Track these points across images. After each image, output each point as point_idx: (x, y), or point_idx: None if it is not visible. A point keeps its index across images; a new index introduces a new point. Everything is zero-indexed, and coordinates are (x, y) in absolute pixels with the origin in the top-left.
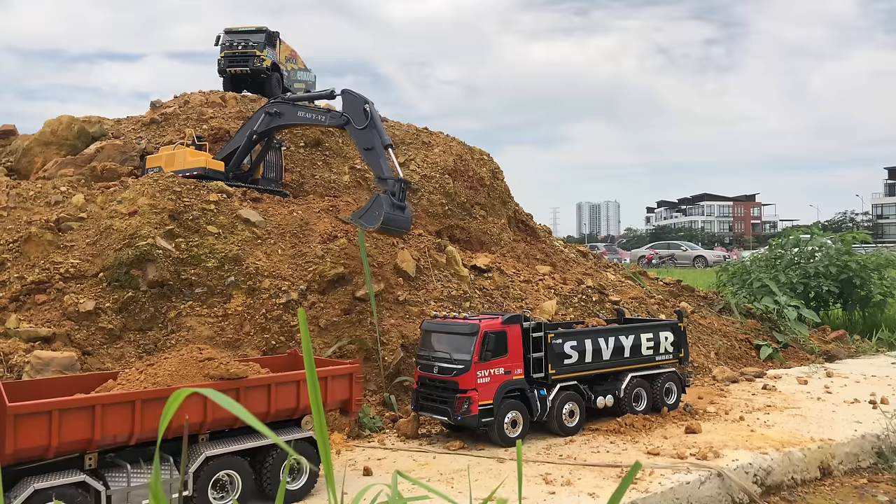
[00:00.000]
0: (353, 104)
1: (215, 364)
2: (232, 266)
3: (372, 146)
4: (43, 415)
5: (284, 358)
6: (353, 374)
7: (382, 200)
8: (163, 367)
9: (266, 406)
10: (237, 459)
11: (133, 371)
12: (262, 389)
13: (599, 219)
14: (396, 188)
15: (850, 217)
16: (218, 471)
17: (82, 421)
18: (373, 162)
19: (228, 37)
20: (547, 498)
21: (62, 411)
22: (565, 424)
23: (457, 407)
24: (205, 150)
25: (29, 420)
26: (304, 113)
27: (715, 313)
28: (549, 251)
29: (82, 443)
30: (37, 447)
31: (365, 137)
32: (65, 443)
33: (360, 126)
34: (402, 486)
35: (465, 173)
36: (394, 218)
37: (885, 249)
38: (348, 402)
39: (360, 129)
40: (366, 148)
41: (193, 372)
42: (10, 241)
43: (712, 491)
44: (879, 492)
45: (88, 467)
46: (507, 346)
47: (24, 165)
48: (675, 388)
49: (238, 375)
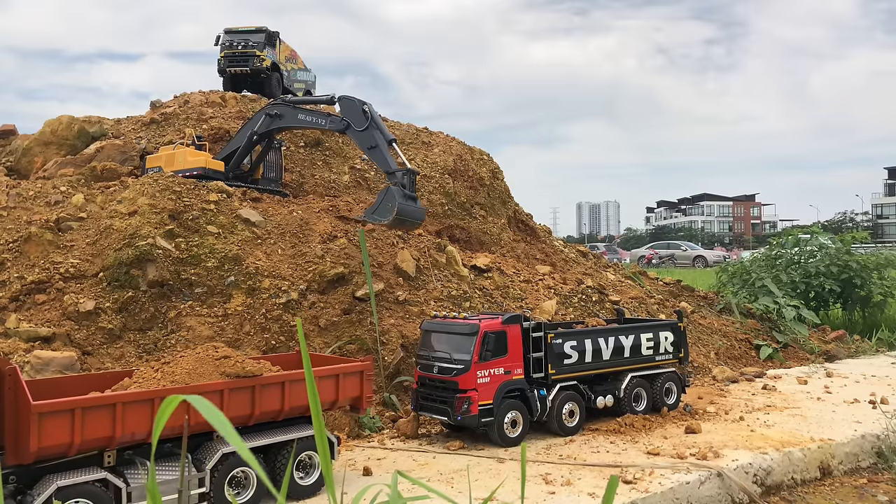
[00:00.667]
0: (351, 108)
1: (231, 362)
2: (232, 266)
3: (375, 144)
4: (66, 413)
5: (294, 356)
6: (364, 371)
7: (394, 192)
8: (179, 365)
9: (280, 403)
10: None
11: (148, 369)
12: (277, 387)
13: (599, 219)
14: (406, 179)
15: (849, 217)
16: (234, 468)
17: (104, 419)
18: (378, 158)
19: (228, 37)
20: (547, 498)
21: (85, 409)
22: (565, 424)
23: (457, 407)
24: (205, 150)
25: (52, 418)
26: (305, 116)
27: (715, 313)
28: (549, 251)
29: (104, 440)
30: (60, 445)
31: (367, 137)
32: (87, 440)
33: (360, 128)
34: (402, 486)
35: (465, 173)
36: (407, 209)
37: (886, 249)
38: (359, 398)
39: (362, 131)
40: (369, 147)
41: (210, 370)
42: (10, 241)
43: (712, 491)
44: (879, 492)
45: (108, 464)
46: (507, 345)
47: (24, 165)
48: (675, 388)
49: (254, 373)
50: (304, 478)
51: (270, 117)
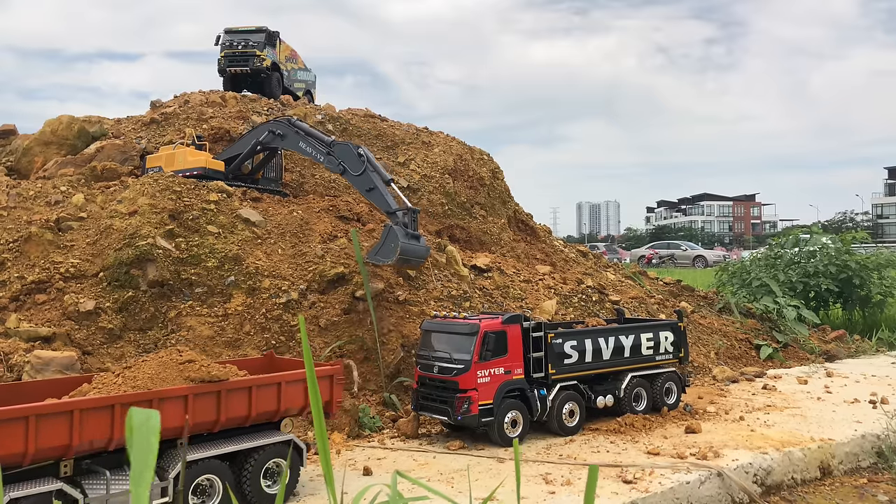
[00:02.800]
0: (346, 154)
1: (196, 367)
2: (232, 266)
3: (373, 186)
4: (19, 421)
5: (261, 360)
6: (333, 375)
7: (397, 232)
8: (142, 370)
9: (247, 409)
10: (217, 463)
11: (110, 375)
12: (244, 392)
13: (599, 219)
14: (407, 218)
15: (850, 217)
16: (198, 475)
17: (60, 427)
18: (377, 200)
19: (228, 36)
20: (547, 498)
21: (39, 417)
22: (565, 424)
23: (457, 407)
24: (205, 150)
25: (4, 427)
26: (305, 146)
27: (715, 313)
28: (549, 251)
29: (60, 449)
30: (12, 454)
31: (364, 181)
32: (42, 449)
33: (356, 172)
34: (402, 486)
35: (465, 173)
36: (410, 248)
37: (886, 249)
38: (329, 403)
39: (358, 175)
40: (367, 189)
41: (174, 375)
42: (10, 241)
43: (712, 491)
44: (879, 492)
45: (64, 475)
46: (507, 345)
47: (24, 165)
48: (675, 388)
49: (219, 378)
50: (271, 486)
51: (273, 135)
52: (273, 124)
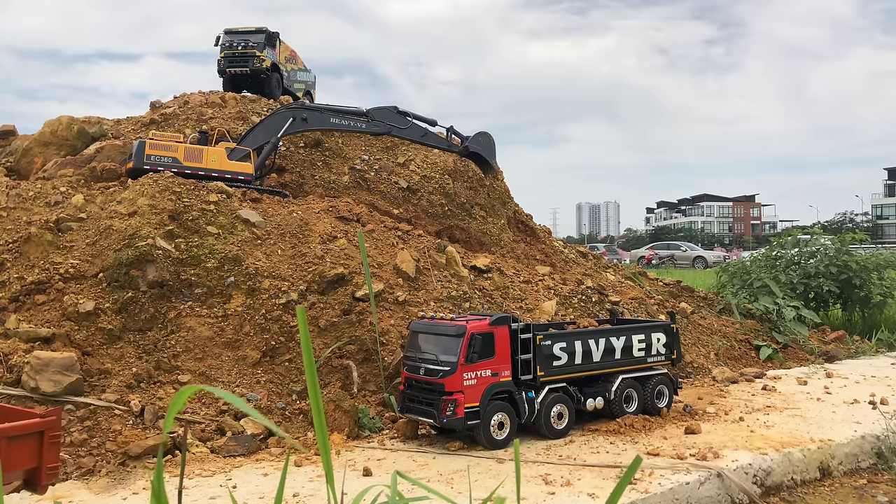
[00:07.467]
0: (386, 114)
1: None
2: (232, 266)
3: (426, 132)
4: None
5: None
6: (45, 430)
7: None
8: None
9: None
10: None
11: None
12: None
13: (599, 219)
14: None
15: (849, 217)
16: None
17: None
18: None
19: (228, 37)
20: (546, 498)
21: None
22: (554, 427)
23: (442, 409)
24: (226, 140)
25: None
26: (338, 119)
27: (715, 314)
28: (549, 251)
29: None
30: None
31: (415, 131)
32: None
33: (404, 126)
34: (401, 487)
35: (465, 174)
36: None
37: (885, 250)
38: (37, 470)
39: (407, 128)
40: (421, 136)
41: None
42: (9, 242)
43: (712, 491)
44: (879, 492)
45: None
46: (495, 347)
47: (23, 166)
48: (667, 391)
49: None
50: None
51: (296, 120)
52: (294, 111)
